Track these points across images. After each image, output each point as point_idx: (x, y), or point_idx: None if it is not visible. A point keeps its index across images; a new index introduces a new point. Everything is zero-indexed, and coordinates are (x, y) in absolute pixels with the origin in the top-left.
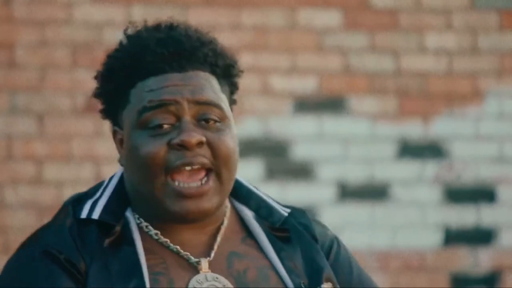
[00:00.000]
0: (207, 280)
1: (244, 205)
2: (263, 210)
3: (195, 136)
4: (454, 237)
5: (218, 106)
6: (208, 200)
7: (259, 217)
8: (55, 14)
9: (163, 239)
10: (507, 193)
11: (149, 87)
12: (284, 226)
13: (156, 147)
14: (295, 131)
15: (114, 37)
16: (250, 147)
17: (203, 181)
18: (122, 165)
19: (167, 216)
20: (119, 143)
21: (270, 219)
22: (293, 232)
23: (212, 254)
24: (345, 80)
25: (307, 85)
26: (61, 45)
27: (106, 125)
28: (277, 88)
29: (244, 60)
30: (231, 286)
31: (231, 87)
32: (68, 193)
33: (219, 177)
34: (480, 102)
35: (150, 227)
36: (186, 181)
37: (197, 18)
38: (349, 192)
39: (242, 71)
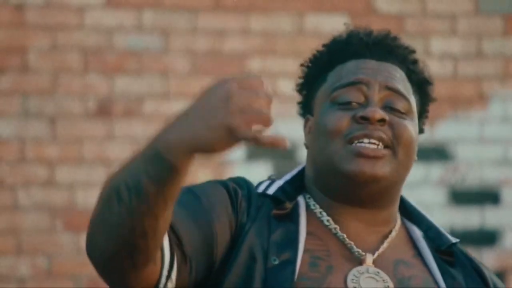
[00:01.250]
0: (367, 272)
1: (415, 225)
2: (432, 231)
3: (378, 111)
4: (459, 238)
5: (406, 98)
6: (382, 166)
7: (427, 238)
8: (67, 19)
9: (333, 225)
10: (511, 195)
11: (347, 68)
12: (451, 249)
13: (340, 118)
14: (303, 134)
15: (125, 42)
16: (258, 150)
17: (380, 147)
18: (307, 147)
19: (342, 183)
20: (308, 130)
21: (438, 241)
22: (458, 259)
23: (378, 252)
24: None
25: None
26: (73, 49)
27: (117, 129)
28: (285, 92)
29: (253, 64)
30: (391, 284)
31: (421, 107)
32: (80, 195)
33: (395, 154)
34: (485, 105)
35: (324, 213)
36: (363, 144)
37: (206, 23)
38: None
39: (435, 99)
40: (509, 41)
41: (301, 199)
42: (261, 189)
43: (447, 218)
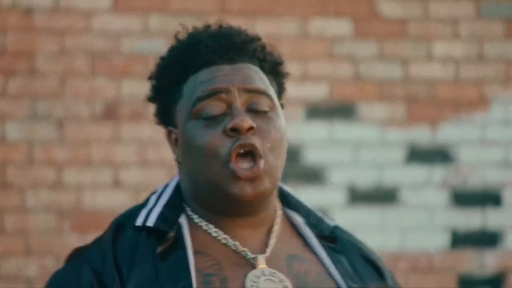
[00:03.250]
0: (264, 275)
1: (294, 212)
2: (312, 217)
3: (246, 120)
4: (461, 240)
5: (267, 95)
6: (262, 182)
7: (309, 224)
8: (74, 23)
9: (222, 235)
10: None
11: (200, 78)
12: (333, 235)
13: (211, 137)
14: (307, 137)
15: (132, 46)
16: None
17: (254, 164)
18: (179, 162)
19: (226, 202)
20: (174, 142)
21: (319, 227)
22: (341, 244)
23: (268, 251)
24: (355, 87)
25: (318, 92)
26: (81, 53)
27: (124, 131)
28: (289, 95)
29: None
30: (288, 282)
31: (279, 87)
32: (87, 197)
33: (267, 162)
34: (486, 108)
35: (210, 225)
36: (240, 163)
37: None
38: (359, 196)
39: (288, 74)
40: (510, 45)
41: (182, 219)
42: (139, 221)
43: (449, 220)
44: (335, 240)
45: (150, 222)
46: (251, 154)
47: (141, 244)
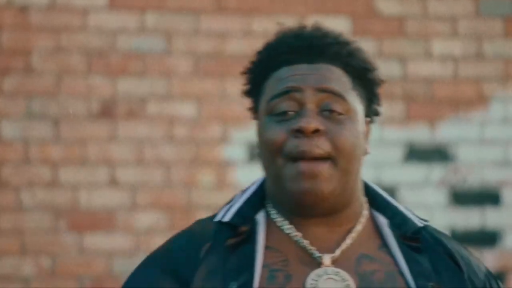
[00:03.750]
0: (326, 273)
1: (381, 213)
2: (397, 218)
3: (312, 122)
4: (460, 239)
5: (342, 97)
6: (323, 183)
7: (393, 225)
8: (70, 21)
9: (294, 233)
10: None
11: (279, 76)
12: (417, 235)
13: (277, 133)
14: None
15: (128, 44)
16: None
17: (316, 165)
18: (259, 157)
19: (291, 199)
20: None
21: (403, 228)
22: (426, 244)
23: (337, 251)
24: None
25: None
26: (77, 51)
27: (120, 130)
28: None
29: None
30: (352, 282)
31: (369, 95)
32: (84, 196)
33: (336, 165)
34: (485, 107)
35: (285, 221)
36: (302, 164)
37: (209, 25)
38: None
39: (382, 81)
40: (509, 43)
41: (260, 216)
42: (219, 216)
43: (448, 219)
44: (417, 240)
45: (227, 218)
46: (312, 157)
47: (218, 236)
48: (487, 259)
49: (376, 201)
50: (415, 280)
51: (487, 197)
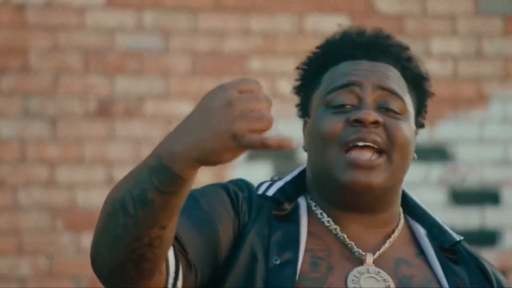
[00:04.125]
0: (368, 272)
1: (418, 223)
2: (435, 229)
3: (372, 114)
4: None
5: (400, 97)
6: (377, 174)
7: (431, 236)
8: (67, 19)
9: (333, 226)
10: (511, 195)
11: (340, 70)
12: (453, 248)
13: (334, 122)
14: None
15: (125, 42)
16: (259, 151)
17: (374, 156)
18: (305, 150)
19: (338, 190)
20: (306, 133)
21: (441, 239)
22: (462, 257)
23: (378, 252)
24: None
25: None
26: (74, 50)
27: (118, 129)
28: (285, 92)
29: (253, 65)
30: (392, 283)
31: (419, 104)
32: (80, 195)
33: (390, 159)
34: (485, 106)
35: (324, 214)
36: (358, 153)
37: (207, 24)
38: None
39: (432, 94)
40: (509, 42)
41: (302, 200)
42: (261, 190)
43: (447, 219)
44: (455, 252)
45: (270, 193)
46: (372, 148)
47: (264, 207)
48: (487, 259)
49: (414, 211)
50: None
51: (487, 197)
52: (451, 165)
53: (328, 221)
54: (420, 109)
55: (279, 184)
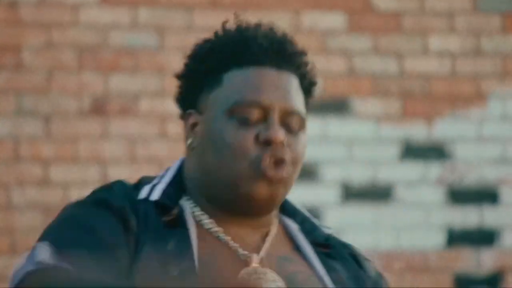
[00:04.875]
0: (256, 273)
1: (289, 218)
2: (307, 224)
3: (280, 134)
4: (458, 238)
5: (301, 117)
6: (281, 187)
7: (304, 231)
8: (61, 16)
9: (215, 228)
10: (510, 194)
11: (246, 77)
12: (328, 242)
13: (243, 139)
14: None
15: (120, 40)
16: None
17: (281, 170)
18: (192, 148)
19: (239, 199)
20: (191, 127)
21: (314, 234)
22: (335, 249)
23: (262, 252)
24: (349, 82)
25: None
26: (68, 47)
27: (112, 127)
28: None
29: None
30: (282, 283)
31: (306, 107)
32: (75, 194)
33: (291, 173)
34: (483, 104)
35: (205, 216)
36: (268, 168)
37: (202, 21)
38: (353, 193)
39: (317, 82)
40: (507, 39)
41: (184, 202)
42: (143, 194)
43: (445, 218)
44: (329, 246)
45: (154, 197)
46: (280, 163)
47: (149, 213)
48: (485, 259)
49: (284, 206)
50: (334, 285)
51: (485, 196)
52: (449, 164)
53: (209, 223)
54: (308, 100)
55: (161, 187)
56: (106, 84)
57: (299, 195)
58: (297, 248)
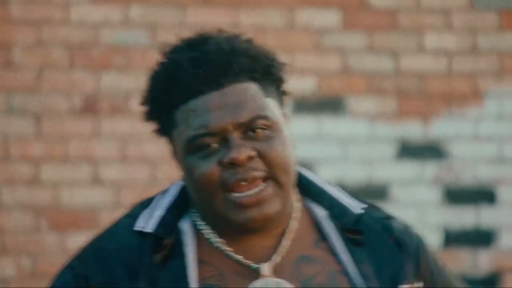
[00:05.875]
0: (266, 285)
1: (318, 203)
2: (335, 209)
3: (243, 151)
4: (454, 238)
5: (262, 117)
6: (270, 204)
7: (333, 217)
8: (52, 14)
9: (223, 247)
10: (507, 194)
11: (192, 110)
12: (358, 226)
13: (208, 168)
14: (294, 132)
15: (111, 37)
16: None
17: (261, 188)
18: (184, 182)
19: (233, 227)
20: (173, 153)
21: (343, 219)
22: (367, 232)
23: (274, 257)
24: (343, 80)
25: (305, 85)
26: (58, 45)
27: (104, 126)
28: None
29: None
30: None
31: (277, 82)
32: (65, 194)
33: (277, 182)
34: (480, 102)
35: (213, 235)
36: (244, 191)
37: (195, 19)
38: (348, 193)
39: (284, 64)
40: (504, 37)
41: (186, 223)
42: (140, 224)
43: (442, 218)
44: (359, 232)
45: (150, 227)
46: (255, 180)
47: (144, 252)
48: (482, 260)
49: (310, 190)
50: (364, 281)
51: (482, 195)
52: (445, 163)
53: (217, 242)
54: (279, 85)
55: (159, 213)
56: (97, 83)
57: None
58: (322, 239)
